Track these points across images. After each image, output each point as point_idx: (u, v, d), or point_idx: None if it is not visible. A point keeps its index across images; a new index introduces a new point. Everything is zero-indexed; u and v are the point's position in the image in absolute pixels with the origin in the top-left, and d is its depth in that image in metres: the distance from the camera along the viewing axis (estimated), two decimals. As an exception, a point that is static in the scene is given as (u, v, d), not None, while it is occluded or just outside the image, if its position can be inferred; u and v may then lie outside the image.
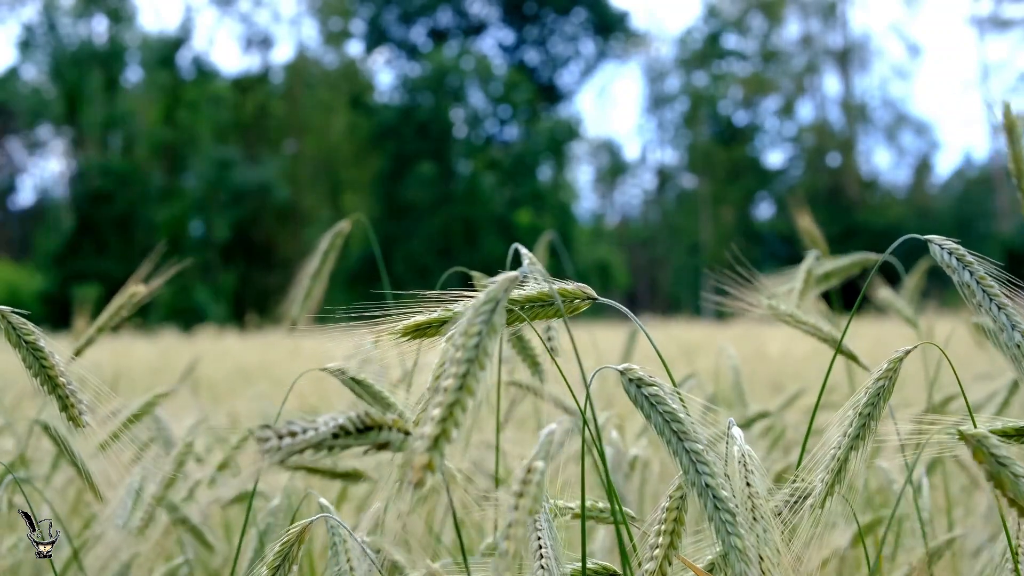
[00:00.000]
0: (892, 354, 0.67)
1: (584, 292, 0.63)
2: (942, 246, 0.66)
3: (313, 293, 1.20)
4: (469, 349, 0.46)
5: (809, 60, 28.05)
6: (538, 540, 0.60)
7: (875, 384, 0.67)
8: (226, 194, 22.62)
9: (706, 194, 26.61)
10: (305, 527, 0.65)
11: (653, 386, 0.58)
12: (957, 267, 0.65)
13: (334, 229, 1.21)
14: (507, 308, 0.61)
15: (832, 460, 0.66)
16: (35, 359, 0.67)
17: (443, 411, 0.44)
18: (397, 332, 0.62)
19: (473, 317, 0.47)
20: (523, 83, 25.40)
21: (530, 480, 0.49)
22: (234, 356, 5.92)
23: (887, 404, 0.66)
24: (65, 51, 23.82)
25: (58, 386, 0.67)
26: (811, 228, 1.35)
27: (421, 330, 0.62)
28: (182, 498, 1.15)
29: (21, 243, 23.66)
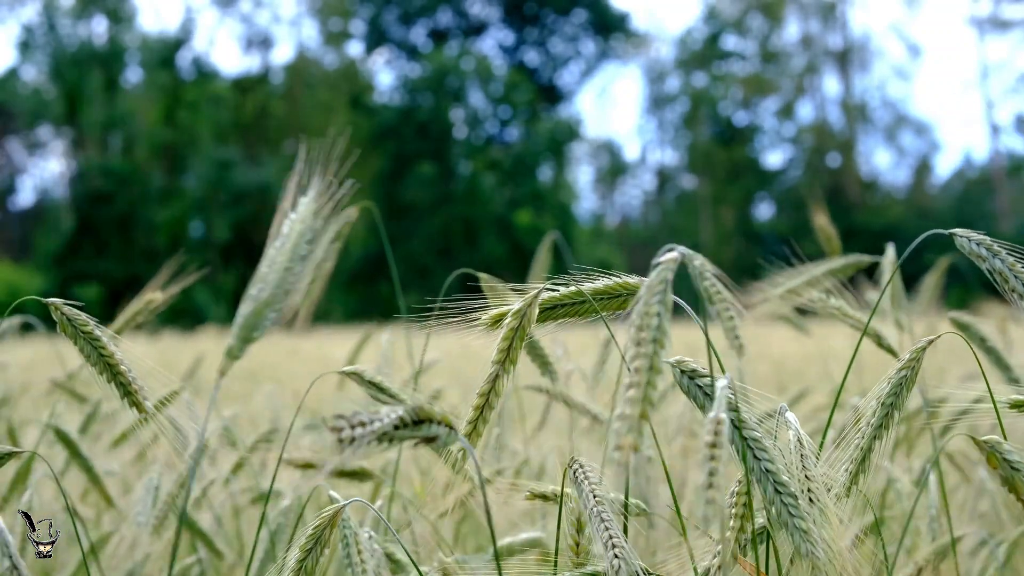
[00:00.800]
0: (916, 343, 0.67)
1: None
2: (969, 238, 0.66)
3: (314, 289, 1.19)
4: (652, 329, 0.47)
5: (809, 60, 28.06)
6: (607, 531, 0.60)
7: (898, 374, 0.67)
8: (226, 195, 22.62)
9: (706, 195, 26.61)
10: (338, 511, 0.65)
11: (706, 377, 0.59)
12: (988, 256, 0.65)
13: (339, 219, 1.19)
14: (579, 300, 0.63)
15: (855, 450, 0.66)
16: (93, 348, 0.67)
17: (637, 392, 0.45)
18: (485, 323, 0.64)
19: (648, 297, 0.48)
20: (523, 84, 25.40)
21: (720, 431, 0.49)
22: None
23: (909, 394, 0.67)
24: (65, 52, 23.82)
25: (119, 374, 0.67)
26: (826, 226, 1.35)
27: (500, 320, 0.64)
28: (196, 497, 1.16)
29: (21, 243, 23.66)
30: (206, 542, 1.14)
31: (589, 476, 0.63)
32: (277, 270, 0.61)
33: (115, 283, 20.08)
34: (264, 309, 0.61)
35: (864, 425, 0.66)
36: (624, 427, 0.44)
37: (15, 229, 24.88)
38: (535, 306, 0.63)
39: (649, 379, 0.45)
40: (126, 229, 22.23)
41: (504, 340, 0.63)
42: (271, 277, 0.61)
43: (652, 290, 0.48)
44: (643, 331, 0.47)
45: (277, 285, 0.61)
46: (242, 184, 22.58)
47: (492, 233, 23.15)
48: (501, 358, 0.63)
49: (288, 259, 0.62)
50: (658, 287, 0.48)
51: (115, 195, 22.32)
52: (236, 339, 0.61)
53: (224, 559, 1.16)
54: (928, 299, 1.48)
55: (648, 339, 0.46)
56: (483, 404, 0.63)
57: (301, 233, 0.63)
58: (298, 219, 0.64)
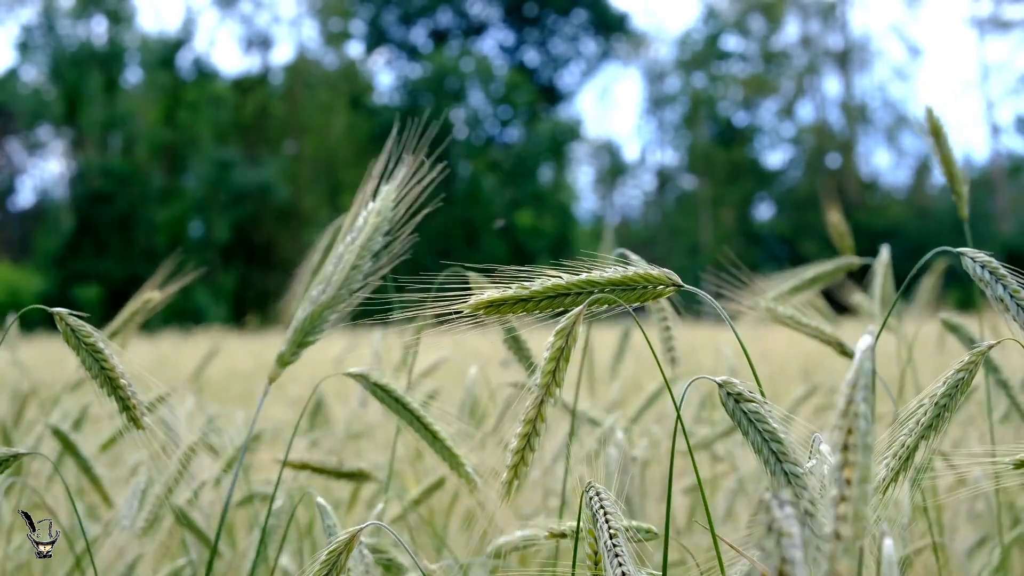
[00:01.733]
0: (975, 347, 0.67)
1: (669, 278, 0.61)
2: (975, 259, 0.66)
3: None
4: (862, 434, 0.40)
5: (809, 61, 28.05)
6: (620, 567, 0.58)
7: (955, 375, 0.66)
8: (226, 195, 22.61)
9: (706, 195, 26.60)
10: (355, 535, 0.63)
11: (752, 402, 0.56)
12: (990, 281, 0.65)
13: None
14: (588, 290, 0.58)
15: (901, 447, 0.65)
16: (95, 361, 0.67)
17: (851, 508, 0.39)
18: (471, 307, 0.58)
19: (853, 394, 0.41)
20: (523, 84, 25.40)
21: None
22: (234, 357, 5.92)
23: (963, 397, 0.66)
24: (65, 52, 23.81)
25: (119, 388, 0.67)
26: (839, 223, 1.34)
27: (495, 307, 0.59)
28: (187, 499, 1.16)
29: (21, 244, 23.66)
30: (203, 540, 1.13)
31: (605, 505, 0.60)
32: (344, 268, 0.58)
33: (115, 283, 20.06)
34: (324, 311, 0.58)
35: (913, 424, 0.65)
36: (840, 549, 0.38)
37: (15, 229, 24.87)
38: (579, 322, 0.57)
39: (862, 493, 0.39)
40: (126, 229, 22.22)
41: (550, 362, 0.56)
42: (336, 277, 0.58)
43: (856, 385, 0.41)
44: (852, 435, 0.40)
45: (342, 285, 0.58)
46: (242, 184, 22.57)
47: (493, 234, 23.15)
48: (547, 381, 0.56)
49: (358, 256, 0.59)
50: (862, 380, 0.41)
51: (115, 195, 22.31)
52: (289, 345, 0.59)
53: (222, 558, 1.16)
54: (925, 301, 1.48)
55: (859, 445, 0.40)
56: (530, 432, 0.57)
57: (377, 226, 0.59)
58: (375, 210, 0.59)
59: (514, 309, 0.59)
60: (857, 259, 1.19)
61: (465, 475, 0.79)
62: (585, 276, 0.59)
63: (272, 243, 22.74)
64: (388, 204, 0.59)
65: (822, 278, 1.18)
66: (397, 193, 0.59)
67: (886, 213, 23.97)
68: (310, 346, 0.57)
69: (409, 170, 0.58)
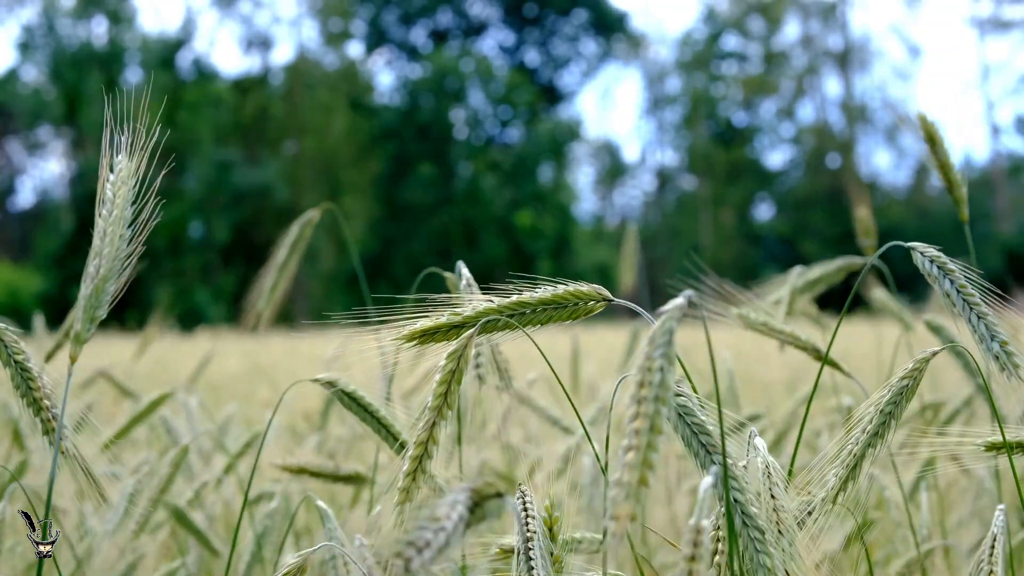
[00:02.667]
0: (919, 354, 0.67)
1: (599, 294, 0.61)
2: (923, 253, 0.66)
3: (279, 287, 1.18)
4: (654, 386, 0.42)
5: (809, 61, 28.05)
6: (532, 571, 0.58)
7: (899, 383, 0.66)
8: (226, 195, 22.61)
9: (706, 195, 26.60)
10: (307, 557, 0.63)
11: (681, 396, 0.56)
12: (938, 276, 0.65)
13: (303, 219, 1.18)
14: (520, 311, 0.59)
15: (848, 456, 0.66)
16: (23, 379, 0.65)
17: (637, 456, 0.41)
18: (403, 338, 0.59)
19: (651, 350, 0.43)
20: (524, 84, 25.39)
21: (700, 542, 0.45)
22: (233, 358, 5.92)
23: (908, 404, 0.66)
24: (65, 52, 23.81)
25: (42, 409, 0.65)
26: (865, 218, 1.34)
27: (429, 335, 0.59)
28: (187, 500, 1.15)
29: (21, 244, 23.66)
30: (202, 540, 1.13)
31: (528, 509, 0.60)
32: (111, 240, 0.59)
33: (115, 284, 20.05)
34: (104, 284, 0.59)
35: (859, 432, 0.66)
36: (622, 494, 0.40)
37: (15, 230, 24.87)
38: (471, 346, 0.57)
39: (650, 441, 0.41)
40: (126, 230, 22.21)
41: (441, 384, 0.57)
42: (106, 250, 0.59)
43: (655, 342, 0.43)
44: (644, 387, 0.42)
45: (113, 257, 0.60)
46: (242, 185, 22.57)
47: (492, 234, 23.15)
48: (438, 404, 0.57)
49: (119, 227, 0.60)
50: (661, 338, 0.43)
51: (115, 196, 22.31)
52: (83, 322, 0.60)
53: (221, 558, 1.16)
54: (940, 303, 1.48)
55: (650, 396, 0.42)
56: (421, 455, 0.57)
57: (125, 196, 0.61)
58: (118, 181, 0.61)
59: (448, 336, 0.59)
60: (859, 259, 1.19)
61: (431, 484, 0.78)
62: (516, 298, 0.59)
63: (272, 243, 22.59)
64: (127, 173, 0.60)
65: (823, 279, 1.18)
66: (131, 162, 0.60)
67: (886, 213, 23.97)
68: (100, 320, 0.58)
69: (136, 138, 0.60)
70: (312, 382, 0.78)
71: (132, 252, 0.60)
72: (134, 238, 0.60)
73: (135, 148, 0.61)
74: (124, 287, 0.60)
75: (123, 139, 0.61)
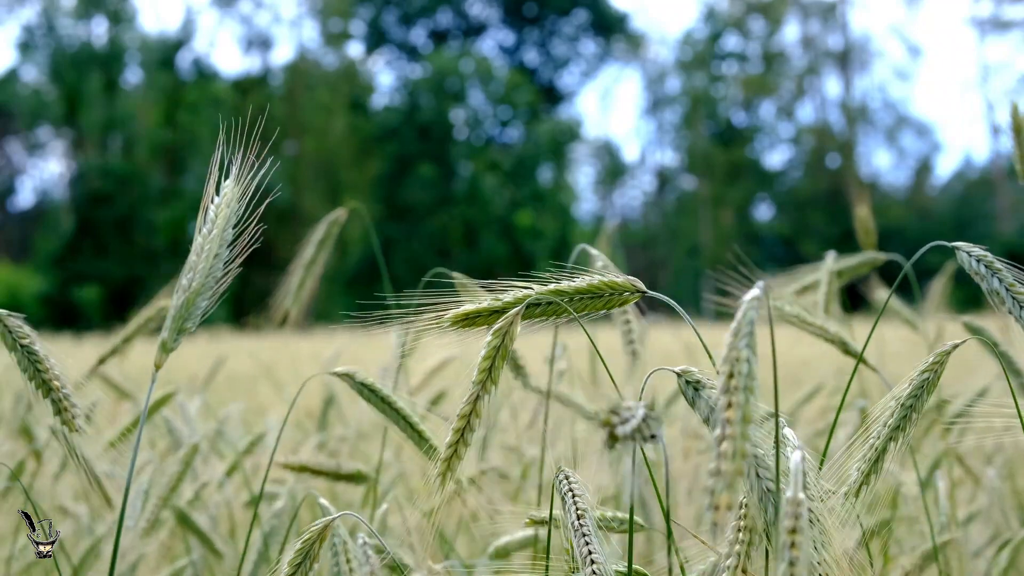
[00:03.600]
0: (939, 347, 0.67)
1: (634, 285, 0.62)
2: (970, 253, 0.66)
3: (306, 286, 1.18)
4: (743, 377, 0.43)
5: (809, 62, 28.05)
6: (587, 545, 0.59)
7: (920, 376, 0.66)
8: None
9: (706, 196, 26.60)
10: (327, 524, 0.65)
11: (713, 389, 0.57)
12: (986, 274, 0.65)
13: (329, 218, 1.18)
14: (557, 299, 0.60)
15: (870, 450, 0.66)
16: (30, 362, 0.66)
17: (732, 445, 0.42)
18: (446, 321, 0.60)
19: (735, 341, 0.44)
20: (523, 85, 25.39)
21: (800, 514, 0.46)
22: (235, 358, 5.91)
23: (929, 397, 0.66)
24: (65, 52, 23.81)
25: (52, 390, 0.66)
26: (866, 218, 1.34)
27: (471, 319, 0.61)
28: (189, 500, 1.16)
29: (21, 245, 23.66)
30: (205, 541, 1.13)
31: (574, 489, 0.61)
32: (207, 257, 0.61)
33: (115, 284, 20.08)
34: (195, 298, 0.61)
35: (880, 426, 0.66)
36: (720, 484, 0.41)
37: (15, 230, 24.87)
38: (516, 323, 0.59)
39: (743, 431, 0.42)
40: (126, 230, 22.22)
41: (485, 359, 0.59)
42: (201, 265, 0.61)
43: (739, 333, 0.45)
44: (734, 378, 0.43)
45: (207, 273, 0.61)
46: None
47: (493, 234, 23.15)
48: (483, 378, 0.59)
49: (217, 245, 0.62)
50: (745, 328, 0.45)
51: (115, 196, 22.31)
52: (170, 332, 0.61)
53: (223, 559, 1.16)
54: (937, 302, 1.48)
55: (740, 387, 0.43)
56: (463, 427, 0.59)
57: (227, 218, 0.62)
58: (223, 203, 0.63)
59: (489, 320, 0.61)
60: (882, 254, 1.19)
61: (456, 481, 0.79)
62: (554, 286, 0.61)
63: (272, 243, 22.70)
64: (232, 197, 0.61)
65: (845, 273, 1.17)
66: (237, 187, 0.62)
67: (886, 213, 23.97)
68: (189, 332, 0.60)
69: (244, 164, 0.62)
70: (331, 375, 0.79)
71: (227, 272, 0.62)
72: (231, 259, 0.62)
73: (242, 175, 0.64)
74: (215, 303, 0.63)
75: (234, 163, 0.64)
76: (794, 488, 0.47)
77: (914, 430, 0.65)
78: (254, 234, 0.63)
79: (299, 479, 1.21)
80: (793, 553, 0.45)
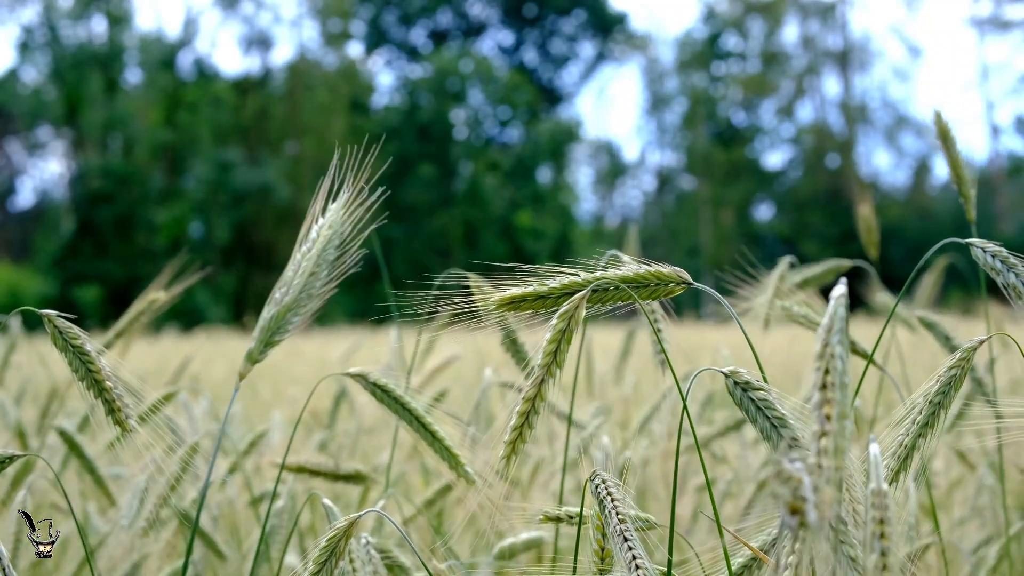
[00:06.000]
0: (966, 343, 0.67)
1: (680, 276, 0.62)
2: (985, 248, 0.66)
3: None
4: (839, 373, 0.43)
5: (809, 61, 28.05)
6: (631, 551, 0.59)
7: (947, 373, 0.66)
8: (226, 196, 22.61)
9: (705, 196, 26.60)
10: (353, 521, 0.65)
11: (760, 390, 0.57)
12: (1002, 269, 0.65)
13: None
14: (603, 286, 0.61)
15: (899, 447, 0.66)
16: (81, 363, 0.67)
17: (832, 441, 0.42)
18: (493, 303, 0.61)
19: (829, 337, 0.44)
20: (523, 85, 25.39)
21: (886, 505, 0.46)
22: (233, 358, 5.91)
23: (956, 394, 0.66)
24: (65, 53, 23.81)
25: (105, 390, 0.67)
26: (868, 217, 1.34)
27: (516, 303, 0.61)
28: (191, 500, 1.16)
29: (21, 245, 23.65)
30: (207, 542, 1.14)
31: (612, 492, 0.61)
32: (303, 274, 0.61)
33: (115, 284, 20.06)
34: (286, 313, 0.61)
35: (909, 423, 0.66)
36: (822, 479, 0.41)
37: (15, 230, 24.87)
38: (582, 307, 0.59)
39: (841, 428, 0.42)
40: (126, 230, 22.22)
41: (551, 342, 0.59)
42: (296, 281, 0.61)
43: (832, 328, 0.44)
44: (829, 374, 0.43)
45: (302, 290, 0.61)
46: (242, 185, 22.57)
47: (492, 234, 23.15)
48: (547, 361, 0.59)
49: (314, 264, 0.62)
50: (837, 324, 0.45)
51: (115, 196, 22.31)
52: (258, 343, 0.61)
53: (226, 560, 1.16)
54: (926, 299, 1.48)
55: (836, 383, 0.43)
56: (529, 410, 0.59)
57: (329, 239, 0.63)
58: (326, 224, 0.63)
59: (534, 305, 0.61)
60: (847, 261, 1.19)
61: (464, 474, 0.79)
62: (600, 273, 0.61)
63: (272, 243, 22.74)
64: (338, 219, 0.63)
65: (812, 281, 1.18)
66: (344, 210, 0.64)
67: (886, 213, 23.97)
68: (277, 345, 0.60)
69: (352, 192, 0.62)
70: (343, 375, 0.79)
71: (323, 291, 0.62)
72: (329, 280, 0.62)
73: (352, 200, 0.64)
74: (308, 320, 0.63)
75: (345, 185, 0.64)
76: (876, 479, 0.47)
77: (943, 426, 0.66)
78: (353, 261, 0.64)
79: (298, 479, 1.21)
80: (884, 543, 0.45)
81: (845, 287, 0.47)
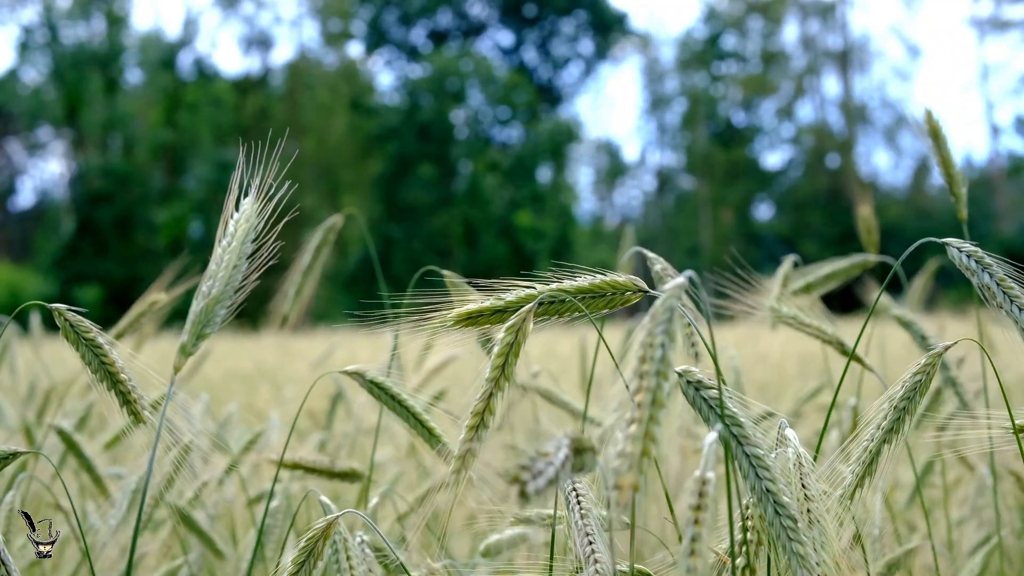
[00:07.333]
0: (932, 349, 0.67)
1: (635, 284, 0.62)
2: (960, 248, 0.66)
3: (304, 290, 1.19)
4: (656, 362, 0.44)
5: (809, 61, 28.05)
6: (591, 544, 0.60)
7: (912, 378, 0.66)
8: (226, 196, 22.60)
9: (705, 196, 26.60)
10: (331, 522, 0.65)
11: (712, 389, 0.58)
12: (976, 269, 0.65)
13: (326, 224, 1.19)
14: (559, 299, 0.61)
15: (864, 452, 0.66)
16: (95, 356, 0.67)
17: (640, 428, 0.42)
18: (449, 320, 0.61)
19: (653, 327, 0.45)
20: (523, 84, 25.40)
21: (706, 492, 0.47)
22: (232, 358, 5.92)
23: (922, 399, 0.66)
24: (65, 53, 23.81)
25: (119, 382, 0.67)
26: (868, 217, 1.34)
27: (473, 318, 0.61)
28: (189, 499, 1.16)
29: (21, 245, 23.66)
30: (205, 541, 1.13)
31: (578, 489, 0.62)
32: (226, 267, 0.63)
33: (115, 284, 20.06)
34: (215, 305, 0.62)
35: (874, 428, 0.66)
36: (624, 465, 0.41)
37: (15, 230, 24.87)
38: (530, 320, 0.59)
39: (652, 414, 0.42)
40: (126, 230, 22.22)
41: (499, 356, 0.59)
42: (220, 274, 0.62)
43: (657, 319, 0.45)
44: (646, 363, 0.44)
45: (227, 282, 0.62)
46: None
47: (492, 234, 23.15)
48: (496, 375, 0.59)
49: (236, 257, 0.63)
50: (663, 315, 0.45)
51: (115, 196, 22.31)
52: (190, 336, 0.62)
53: (224, 559, 1.16)
54: (917, 299, 1.48)
55: (652, 372, 0.43)
56: (477, 424, 0.59)
57: (246, 233, 0.62)
58: (242, 219, 0.65)
59: (491, 320, 0.61)
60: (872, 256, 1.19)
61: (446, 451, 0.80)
62: (555, 285, 0.61)
63: (272, 244, 22.68)
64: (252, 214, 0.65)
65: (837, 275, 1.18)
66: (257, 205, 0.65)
67: (886, 213, 23.97)
68: (207, 337, 0.61)
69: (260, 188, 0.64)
70: (341, 374, 0.79)
71: (244, 282, 0.64)
72: (249, 272, 0.64)
73: (261, 193, 0.67)
74: (234, 311, 0.64)
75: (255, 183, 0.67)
76: (703, 468, 0.47)
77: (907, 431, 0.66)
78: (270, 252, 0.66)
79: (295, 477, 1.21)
80: (696, 529, 0.46)
81: (684, 279, 0.48)
